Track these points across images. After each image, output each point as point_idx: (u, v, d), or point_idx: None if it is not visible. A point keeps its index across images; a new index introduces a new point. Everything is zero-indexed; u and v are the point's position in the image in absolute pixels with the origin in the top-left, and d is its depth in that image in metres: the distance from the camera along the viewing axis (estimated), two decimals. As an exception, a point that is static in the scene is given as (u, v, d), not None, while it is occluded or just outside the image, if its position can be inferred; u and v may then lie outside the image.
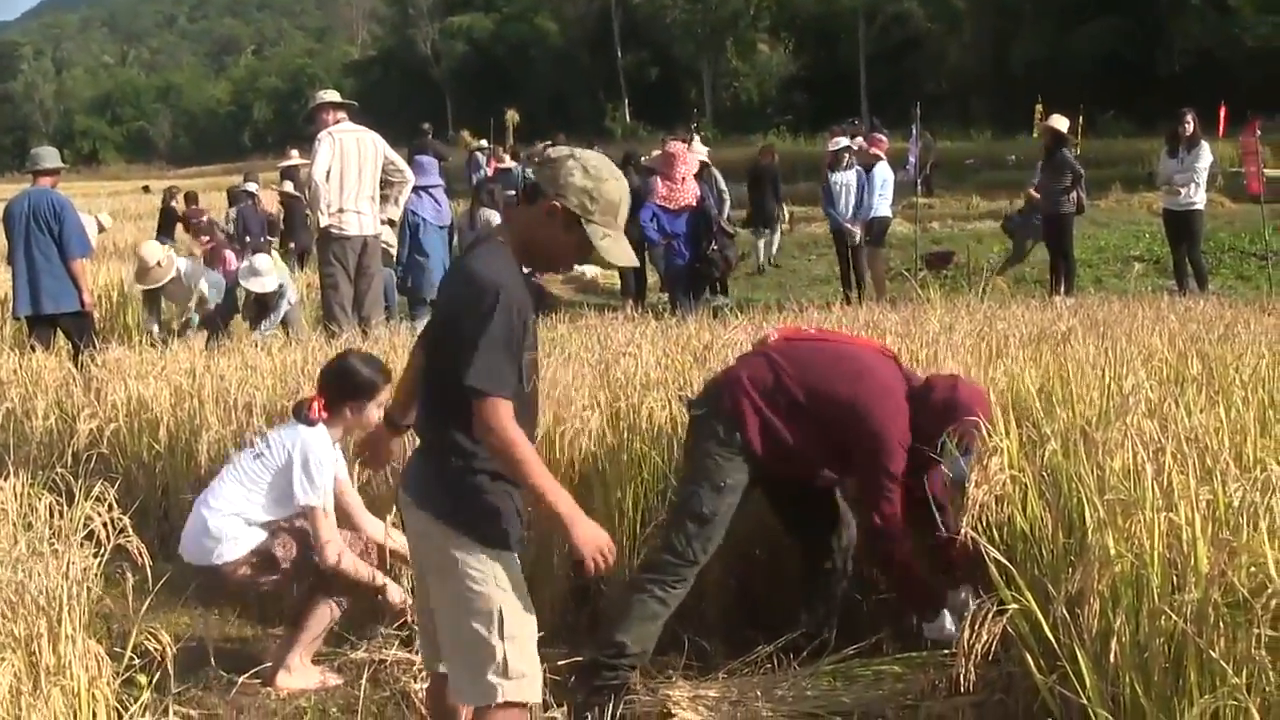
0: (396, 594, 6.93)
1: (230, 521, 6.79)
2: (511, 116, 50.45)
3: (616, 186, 4.82)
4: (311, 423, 6.89)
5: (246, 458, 6.96)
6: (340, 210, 13.25)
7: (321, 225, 13.34)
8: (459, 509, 4.79)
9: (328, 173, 13.17)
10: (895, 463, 6.23)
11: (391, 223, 14.61)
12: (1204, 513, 4.61)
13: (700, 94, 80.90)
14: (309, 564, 6.89)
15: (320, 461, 6.79)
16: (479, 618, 4.79)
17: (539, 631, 6.11)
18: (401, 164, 14.16)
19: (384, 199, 13.95)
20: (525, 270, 4.87)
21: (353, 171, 13.30)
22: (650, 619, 6.31)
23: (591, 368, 8.54)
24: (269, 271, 14.78)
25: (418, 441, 5.18)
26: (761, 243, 25.30)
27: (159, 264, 15.07)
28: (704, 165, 19.92)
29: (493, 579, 4.79)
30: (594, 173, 4.77)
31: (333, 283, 13.48)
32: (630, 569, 7.13)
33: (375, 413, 6.85)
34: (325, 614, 6.91)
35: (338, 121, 13.46)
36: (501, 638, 4.79)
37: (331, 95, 13.99)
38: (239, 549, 6.80)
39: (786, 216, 25.86)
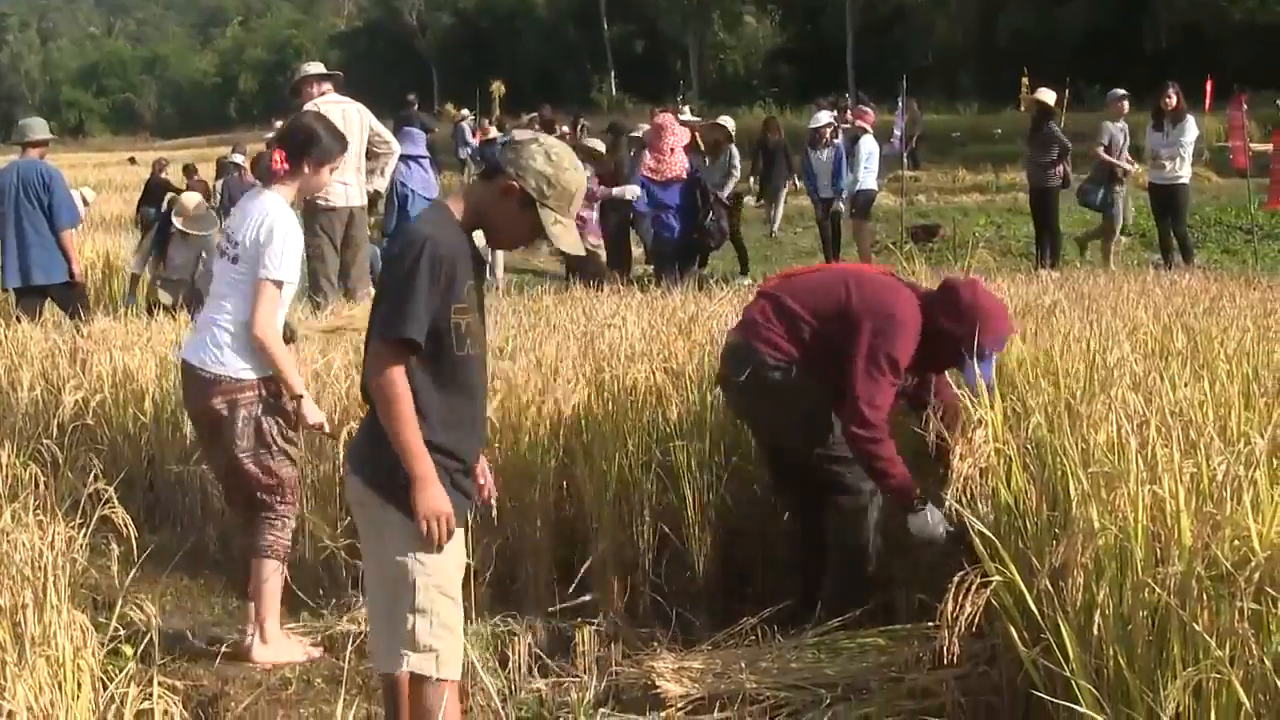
0: (315, 413, 6.87)
1: (245, 331, 6.67)
2: (498, 88, 50.43)
3: (575, 177, 4.94)
4: (272, 174, 6.85)
5: (228, 267, 6.78)
6: None
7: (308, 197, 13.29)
8: (391, 478, 4.79)
9: None
10: (899, 350, 6.36)
11: (378, 194, 14.55)
12: (1188, 486, 4.61)
13: (686, 66, 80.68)
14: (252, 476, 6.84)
15: (287, 234, 6.72)
16: (395, 586, 4.86)
17: (524, 603, 6.19)
18: (387, 135, 14.09)
19: (370, 171, 13.92)
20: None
21: None
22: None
23: (576, 339, 8.55)
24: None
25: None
26: (774, 212, 25.73)
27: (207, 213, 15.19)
28: (725, 135, 20.07)
29: (415, 551, 4.82)
30: (555, 160, 4.89)
31: (319, 254, 13.41)
32: (614, 539, 7.18)
33: (327, 177, 7.09)
34: (271, 568, 6.87)
35: (323, 93, 13.41)
36: (412, 610, 4.83)
37: (316, 67, 13.95)
38: (244, 369, 6.69)
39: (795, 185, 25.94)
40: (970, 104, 59.01)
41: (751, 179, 26.69)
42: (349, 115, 13.30)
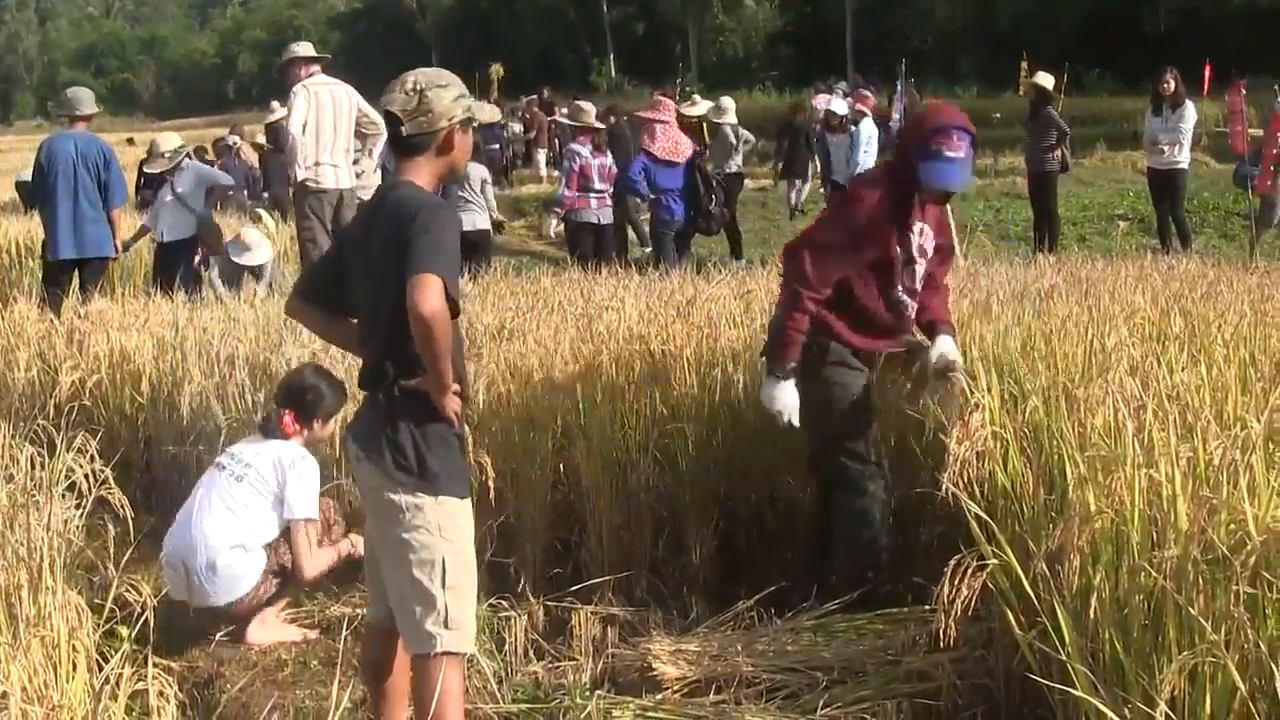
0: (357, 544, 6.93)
1: (234, 555, 6.68)
2: (496, 71, 50.17)
3: (454, 77, 5.16)
4: (286, 437, 6.89)
5: (225, 482, 6.79)
6: (317, 163, 13.29)
7: (299, 179, 13.33)
8: (405, 456, 4.88)
9: (304, 126, 13.17)
10: (847, 216, 6.56)
11: (361, 173, 14.55)
12: (1184, 470, 4.61)
13: (686, 49, 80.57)
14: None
15: (314, 474, 6.84)
16: (422, 567, 4.88)
17: (520, 586, 6.17)
18: (375, 116, 14.01)
19: (357, 151, 13.96)
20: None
21: (328, 124, 13.31)
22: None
23: (574, 320, 8.54)
24: (258, 245, 14.91)
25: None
26: (793, 192, 25.90)
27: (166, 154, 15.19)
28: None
29: (437, 528, 4.89)
30: (444, 79, 5.10)
31: (311, 236, 13.45)
32: (611, 522, 7.18)
33: (334, 427, 7.07)
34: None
35: (311, 74, 13.45)
36: (443, 587, 4.88)
37: (305, 49, 13.94)
38: (250, 581, 6.72)
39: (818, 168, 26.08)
40: (969, 88, 58.96)
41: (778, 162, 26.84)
42: (338, 96, 13.40)
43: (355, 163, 13.89)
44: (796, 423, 6.42)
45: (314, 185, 13.25)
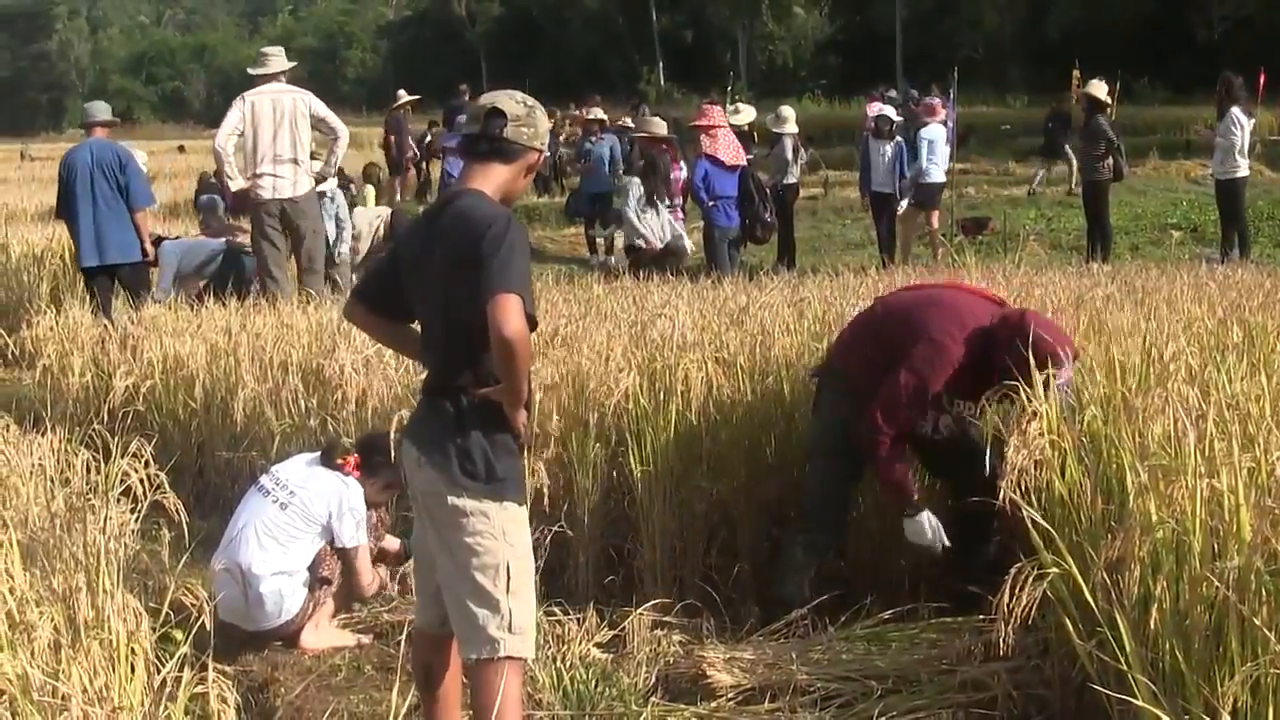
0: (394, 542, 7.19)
1: (278, 581, 6.73)
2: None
3: None
4: (345, 475, 6.92)
5: (269, 509, 6.84)
6: (256, 174, 13.36)
7: (235, 189, 13.57)
8: (473, 463, 4.85)
9: (230, 139, 13.37)
10: (932, 373, 6.30)
11: (322, 179, 14.45)
12: (1246, 480, 4.58)
13: (735, 57, 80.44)
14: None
15: (362, 505, 6.92)
16: (485, 571, 4.85)
17: (574, 593, 6.17)
18: (333, 122, 13.97)
19: (314, 157, 14.04)
20: None
21: (266, 134, 13.32)
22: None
23: (628, 328, 8.53)
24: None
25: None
26: (1041, 172, 28.50)
27: None
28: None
29: (501, 532, 4.86)
30: (541, 108, 5.22)
31: (258, 248, 13.60)
32: (664, 529, 7.16)
33: (388, 499, 7.28)
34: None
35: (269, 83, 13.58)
36: (507, 591, 4.85)
37: (274, 62, 13.83)
38: (297, 601, 6.79)
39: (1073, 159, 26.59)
40: (1020, 96, 58.72)
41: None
42: (280, 104, 13.46)
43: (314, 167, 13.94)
44: (948, 542, 6.41)
45: (255, 196, 13.35)
